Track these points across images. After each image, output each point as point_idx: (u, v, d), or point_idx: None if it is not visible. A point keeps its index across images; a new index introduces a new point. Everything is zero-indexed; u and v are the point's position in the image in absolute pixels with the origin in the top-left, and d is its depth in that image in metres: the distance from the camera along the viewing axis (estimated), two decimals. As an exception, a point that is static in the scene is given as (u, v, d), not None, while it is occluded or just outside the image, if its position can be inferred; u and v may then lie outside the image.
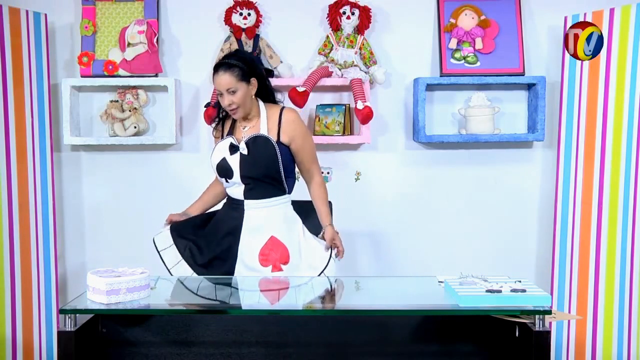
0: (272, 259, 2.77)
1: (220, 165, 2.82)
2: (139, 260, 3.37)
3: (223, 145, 2.83)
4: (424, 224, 3.75)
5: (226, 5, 3.61)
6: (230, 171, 2.80)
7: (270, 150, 2.78)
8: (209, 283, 2.70)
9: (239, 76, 2.74)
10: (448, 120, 3.72)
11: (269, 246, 2.79)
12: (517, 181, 3.74)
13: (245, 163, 2.77)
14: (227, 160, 2.80)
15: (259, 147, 2.78)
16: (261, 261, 2.78)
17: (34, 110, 3.48)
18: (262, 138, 2.79)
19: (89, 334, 2.21)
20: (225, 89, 2.74)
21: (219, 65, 2.77)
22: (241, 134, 2.84)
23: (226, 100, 2.75)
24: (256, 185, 2.79)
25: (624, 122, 3.40)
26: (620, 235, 3.43)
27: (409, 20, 3.68)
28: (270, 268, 2.77)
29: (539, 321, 2.09)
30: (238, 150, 2.78)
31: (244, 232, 2.81)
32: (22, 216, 3.44)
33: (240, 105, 2.77)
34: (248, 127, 2.84)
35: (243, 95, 2.76)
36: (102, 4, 3.63)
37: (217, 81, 2.76)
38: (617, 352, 3.47)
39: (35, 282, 3.49)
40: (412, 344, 2.32)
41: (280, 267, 2.77)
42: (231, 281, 2.70)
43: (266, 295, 2.58)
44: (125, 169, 3.73)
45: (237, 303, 2.48)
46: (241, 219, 2.82)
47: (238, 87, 2.74)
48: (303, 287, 2.65)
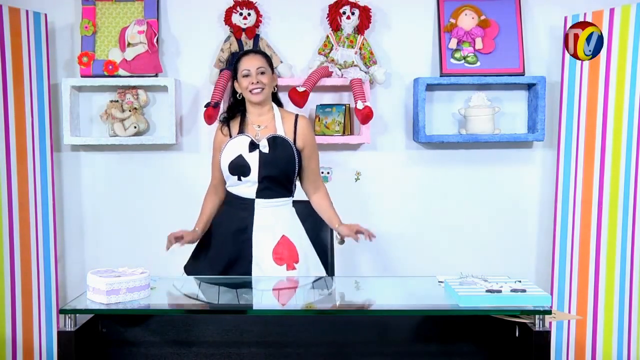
0: (286, 258, 2.77)
1: (234, 163, 2.80)
2: (139, 260, 3.38)
3: (238, 143, 2.81)
4: (424, 224, 3.75)
5: (226, 5, 3.62)
6: (246, 169, 2.78)
7: (289, 151, 2.81)
8: (209, 283, 2.70)
9: (268, 62, 2.88)
10: (448, 120, 3.72)
11: (281, 245, 2.79)
12: (517, 181, 3.74)
13: (265, 161, 2.77)
14: (245, 158, 2.78)
15: (279, 146, 2.80)
16: (275, 260, 2.77)
17: (34, 110, 3.48)
18: (281, 138, 2.81)
19: (89, 334, 2.21)
20: (256, 67, 2.82)
21: (249, 50, 2.97)
22: (255, 132, 2.84)
23: (254, 78, 2.81)
24: (270, 184, 2.79)
25: (624, 122, 3.40)
26: (620, 235, 3.43)
27: (409, 20, 3.68)
28: (285, 267, 2.77)
29: (539, 321, 2.09)
30: (257, 148, 2.78)
31: (256, 231, 2.80)
32: (22, 216, 3.44)
33: (266, 87, 2.83)
34: (263, 126, 2.85)
35: (269, 79, 2.85)
36: (102, 4, 3.63)
37: (247, 61, 2.84)
38: (617, 352, 3.47)
39: (35, 282, 3.49)
40: (412, 344, 2.32)
41: (294, 266, 2.78)
42: (231, 281, 2.70)
43: (266, 296, 2.58)
44: (125, 169, 3.74)
45: (237, 303, 2.48)
46: (251, 218, 2.80)
47: (267, 70, 2.85)
48: (303, 287, 2.66)
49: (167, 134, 3.61)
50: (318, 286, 2.67)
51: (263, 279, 2.72)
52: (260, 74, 2.82)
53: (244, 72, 2.83)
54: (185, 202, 3.71)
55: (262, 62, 2.85)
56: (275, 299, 2.56)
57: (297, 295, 2.58)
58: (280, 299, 2.54)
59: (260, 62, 2.84)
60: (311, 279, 2.74)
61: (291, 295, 2.60)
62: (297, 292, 2.62)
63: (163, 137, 3.60)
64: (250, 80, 2.81)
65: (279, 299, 2.55)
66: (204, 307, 2.42)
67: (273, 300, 2.55)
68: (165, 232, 3.72)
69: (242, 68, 2.84)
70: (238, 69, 2.86)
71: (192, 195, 3.63)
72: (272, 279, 2.71)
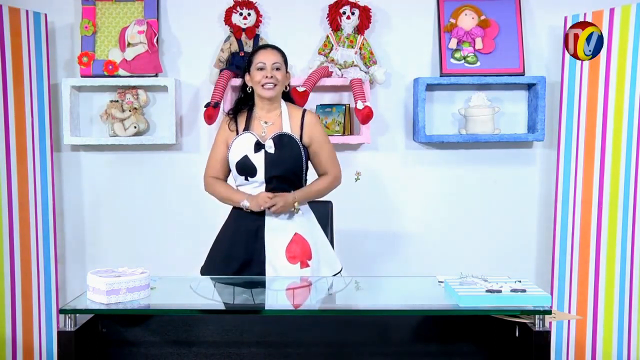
0: (299, 256, 2.76)
1: (241, 163, 2.76)
2: (138, 260, 3.39)
3: (243, 142, 2.78)
4: (423, 224, 3.75)
5: (226, 5, 3.62)
6: (253, 169, 2.75)
7: (295, 149, 2.77)
8: (209, 283, 2.70)
9: (284, 59, 2.85)
10: (448, 120, 3.72)
11: (294, 243, 2.76)
12: (517, 181, 3.74)
13: (270, 161, 2.74)
14: (250, 158, 2.75)
15: (285, 145, 2.76)
16: (289, 259, 2.75)
17: (34, 110, 3.48)
18: (287, 136, 2.78)
19: (89, 334, 2.21)
20: (271, 62, 2.79)
21: (267, 45, 2.93)
22: (261, 129, 2.80)
23: (269, 72, 2.77)
24: (278, 184, 2.76)
25: (624, 122, 3.40)
26: (620, 235, 3.43)
27: (409, 20, 3.68)
28: (299, 265, 2.75)
29: (539, 321, 2.09)
30: (263, 148, 2.75)
31: (267, 232, 2.77)
32: (22, 216, 3.44)
33: (278, 84, 2.80)
34: (270, 123, 2.82)
35: (283, 77, 2.82)
36: (102, 4, 3.63)
37: (263, 55, 2.81)
38: (617, 352, 3.47)
39: (35, 282, 3.49)
40: (412, 344, 2.32)
41: (307, 263, 2.76)
42: (232, 281, 2.70)
43: (266, 296, 2.58)
44: (125, 169, 3.73)
45: (237, 303, 2.48)
46: (262, 220, 2.77)
47: (282, 67, 2.82)
48: (303, 287, 2.65)
49: (167, 134, 3.61)
50: (319, 286, 2.67)
51: (265, 279, 2.72)
52: (275, 69, 2.79)
53: (259, 64, 2.78)
54: (186, 202, 3.72)
55: (278, 57, 2.82)
56: (276, 299, 2.55)
57: (297, 296, 2.58)
58: (280, 299, 2.54)
59: (276, 58, 2.81)
60: (314, 278, 2.73)
61: (291, 295, 2.59)
62: (297, 292, 2.62)
63: (163, 137, 3.60)
64: (264, 74, 2.77)
65: (279, 299, 2.55)
66: (203, 307, 2.42)
67: (273, 300, 2.55)
68: (165, 232, 3.75)
69: (258, 60, 2.79)
70: (253, 61, 2.81)
71: (192, 195, 3.64)
72: (274, 279, 2.71)
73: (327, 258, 2.86)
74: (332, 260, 2.87)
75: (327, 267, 2.83)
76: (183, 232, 3.73)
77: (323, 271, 2.81)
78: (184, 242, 3.71)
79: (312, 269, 2.77)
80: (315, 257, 2.79)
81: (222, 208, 2.91)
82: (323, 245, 2.87)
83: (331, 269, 2.85)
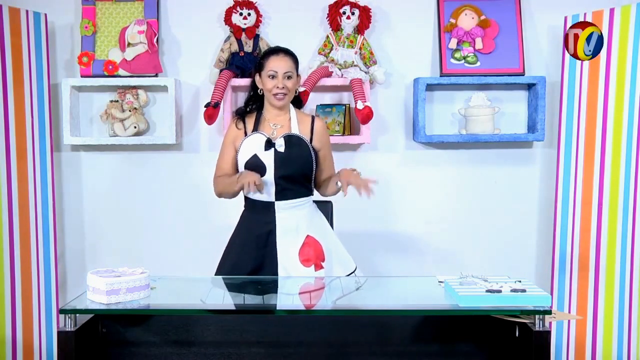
0: (313, 258, 2.75)
1: (250, 163, 2.74)
2: (138, 260, 3.39)
3: (253, 141, 2.76)
4: (423, 224, 3.75)
5: (226, 5, 3.61)
6: (262, 169, 2.73)
7: (305, 149, 2.77)
8: (209, 283, 2.70)
9: (296, 65, 2.80)
10: (448, 120, 3.72)
11: (307, 246, 2.75)
12: (517, 181, 3.74)
13: (280, 160, 2.73)
14: (260, 157, 2.73)
15: (295, 145, 2.76)
16: (303, 262, 2.73)
17: (34, 110, 3.48)
18: (297, 137, 2.77)
19: (89, 334, 2.21)
20: (283, 71, 2.74)
21: (280, 49, 2.81)
22: (271, 130, 2.80)
23: (280, 82, 2.74)
24: (288, 185, 2.75)
25: (624, 122, 3.40)
26: (620, 235, 3.43)
27: (409, 20, 3.68)
28: (313, 268, 2.74)
29: (539, 321, 2.09)
30: (273, 146, 2.74)
31: (279, 236, 2.75)
32: (22, 216, 3.44)
33: (289, 93, 2.78)
34: (279, 125, 2.81)
35: (294, 85, 2.79)
36: (102, 4, 3.63)
37: (276, 62, 2.75)
38: (617, 352, 3.47)
39: (35, 282, 3.49)
40: (412, 344, 2.32)
41: (321, 265, 2.75)
42: (232, 281, 2.70)
43: (266, 296, 2.58)
44: (125, 169, 3.73)
45: (237, 303, 2.48)
46: (273, 223, 2.76)
47: (294, 74, 2.78)
48: (303, 287, 2.65)
49: (167, 134, 3.61)
50: (318, 286, 2.67)
51: (266, 280, 2.71)
52: (287, 78, 2.75)
53: (271, 73, 2.75)
54: (186, 202, 3.72)
55: (290, 65, 2.76)
56: (276, 299, 2.55)
57: (297, 296, 2.57)
58: (280, 300, 2.54)
59: (288, 66, 2.75)
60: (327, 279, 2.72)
61: (291, 295, 2.59)
62: (296, 292, 2.61)
63: (163, 137, 3.60)
64: (275, 83, 2.74)
65: (278, 299, 2.55)
66: (203, 307, 2.42)
67: (273, 300, 2.55)
68: (166, 232, 3.75)
69: (270, 68, 2.75)
70: (265, 66, 2.77)
71: (192, 195, 3.64)
72: (274, 279, 2.71)
73: (340, 258, 2.85)
74: (345, 260, 2.87)
75: (341, 267, 2.82)
76: (183, 232, 3.73)
77: (336, 271, 2.80)
78: (184, 242, 3.71)
79: (326, 270, 2.76)
80: (328, 258, 2.79)
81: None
82: (335, 246, 2.86)
83: (345, 268, 2.84)
